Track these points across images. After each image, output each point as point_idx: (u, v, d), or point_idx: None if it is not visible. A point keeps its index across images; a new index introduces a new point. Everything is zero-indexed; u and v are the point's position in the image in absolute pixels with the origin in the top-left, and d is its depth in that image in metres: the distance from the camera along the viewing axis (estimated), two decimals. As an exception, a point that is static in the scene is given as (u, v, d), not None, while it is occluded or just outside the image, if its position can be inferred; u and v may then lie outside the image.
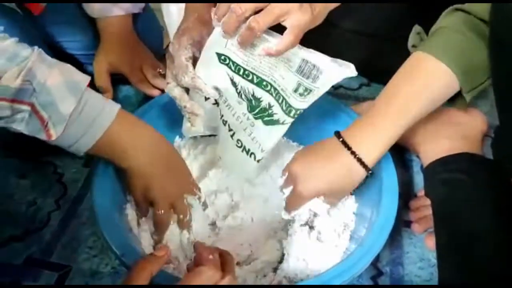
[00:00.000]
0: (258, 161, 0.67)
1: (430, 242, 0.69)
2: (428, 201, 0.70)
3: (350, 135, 0.62)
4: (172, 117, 0.73)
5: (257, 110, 0.63)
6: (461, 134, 0.73)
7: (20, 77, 0.53)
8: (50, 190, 0.80)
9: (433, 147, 0.73)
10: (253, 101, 0.62)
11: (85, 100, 0.57)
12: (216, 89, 0.64)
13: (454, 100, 0.67)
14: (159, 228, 0.65)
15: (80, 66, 0.88)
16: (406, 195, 0.76)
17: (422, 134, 0.75)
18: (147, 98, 0.89)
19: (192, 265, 0.52)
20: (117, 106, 0.61)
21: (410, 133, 0.77)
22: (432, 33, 0.67)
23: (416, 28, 0.71)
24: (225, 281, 0.48)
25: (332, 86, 0.57)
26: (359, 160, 0.61)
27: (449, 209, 0.66)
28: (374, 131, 0.62)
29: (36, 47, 0.56)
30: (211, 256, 0.50)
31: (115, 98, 0.82)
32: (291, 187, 0.63)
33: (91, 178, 0.66)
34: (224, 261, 0.52)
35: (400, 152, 0.82)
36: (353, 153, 0.61)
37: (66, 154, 0.83)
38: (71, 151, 0.60)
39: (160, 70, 0.85)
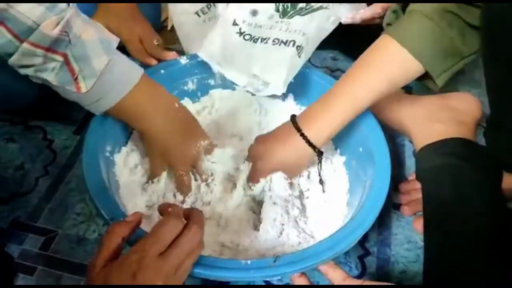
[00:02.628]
0: (298, 47, 0.70)
1: (418, 225, 0.70)
2: (418, 185, 0.71)
3: (303, 118, 0.65)
4: (169, 86, 0.72)
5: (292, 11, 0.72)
6: (455, 119, 0.73)
7: (59, 27, 0.53)
8: (39, 156, 0.79)
9: (427, 131, 0.73)
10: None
11: (114, 60, 0.58)
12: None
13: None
14: (181, 190, 0.66)
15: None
16: (396, 178, 0.77)
17: (416, 118, 0.76)
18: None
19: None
20: (141, 70, 0.62)
21: (403, 117, 0.78)
22: (406, 14, 0.66)
23: (392, 6, 0.71)
24: (191, 231, 0.49)
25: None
26: (308, 142, 0.64)
27: (439, 193, 0.66)
28: (323, 113, 0.64)
29: (71, 3, 0.56)
30: (170, 209, 0.51)
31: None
32: (250, 164, 0.68)
33: (84, 136, 0.65)
34: (189, 214, 0.52)
35: (393, 136, 0.83)
36: (302, 135, 0.64)
37: (57, 121, 0.84)
38: (89, 109, 0.60)
39: (157, 42, 0.83)
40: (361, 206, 0.61)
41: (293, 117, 0.66)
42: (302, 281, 0.58)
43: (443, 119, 0.74)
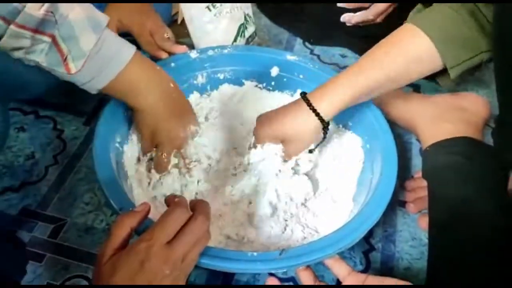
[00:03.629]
0: None
1: (423, 223, 0.70)
2: (424, 183, 0.71)
3: (313, 93, 0.65)
4: (178, 80, 0.73)
5: None
6: (463, 118, 0.74)
7: (44, 7, 0.52)
8: (49, 145, 0.80)
9: (435, 130, 0.73)
10: None
11: (104, 38, 0.58)
12: None
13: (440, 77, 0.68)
14: (157, 170, 0.67)
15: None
16: (403, 176, 0.77)
17: (424, 117, 0.76)
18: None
19: None
20: (133, 48, 0.62)
21: (412, 115, 0.78)
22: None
23: (418, 7, 0.72)
24: (197, 220, 0.50)
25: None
26: (315, 111, 0.63)
27: (445, 192, 0.67)
28: (334, 87, 0.64)
29: None
30: (176, 199, 0.52)
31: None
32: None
33: (94, 126, 0.66)
34: (195, 204, 0.52)
35: (400, 134, 0.83)
36: (310, 105, 0.64)
37: (67, 111, 0.85)
38: (84, 88, 0.60)
39: (167, 35, 0.84)
40: (367, 202, 0.62)
41: (303, 93, 0.66)
42: (307, 274, 0.58)
43: (451, 118, 0.74)
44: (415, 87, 0.91)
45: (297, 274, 0.59)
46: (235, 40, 0.86)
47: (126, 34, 0.84)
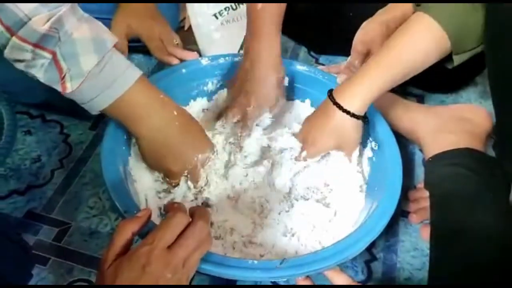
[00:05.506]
0: None
1: (425, 233, 0.70)
2: (426, 193, 0.71)
3: (340, 92, 0.67)
4: (189, 86, 0.74)
5: None
6: (466, 130, 0.74)
7: (49, 23, 0.52)
8: (55, 149, 0.81)
9: (437, 141, 0.74)
10: None
11: (108, 60, 0.57)
12: None
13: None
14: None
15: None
16: (405, 186, 0.76)
17: (428, 128, 0.76)
18: (159, 67, 0.90)
19: None
20: (139, 72, 0.60)
21: (416, 126, 0.78)
22: None
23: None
24: (197, 225, 0.50)
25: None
26: (349, 113, 0.65)
27: (447, 203, 0.67)
28: (361, 84, 0.66)
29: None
30: (176, 205, 0.52)
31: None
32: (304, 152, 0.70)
33: (102, 135, 0.66)
34: (195, 211, 0.53)
35: (403, 145, 0.83)
36: (341, 108, 0.66)
37: (73, 116, 0.86)
38: (84, 107, 0.59)
39: (176, 42, 0.85)
40: (370, 215, 0.62)
41: (330, 91, 0.68)
42: (306, 284, 0.58)
43: (454, 129, 0.74)
44: (418, 98, 0.92)
45: (297, 283, 0.59)
46: (241, 48, 0.87)
47: (135, 40, 0.85)
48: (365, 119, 0.67)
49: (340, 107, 0.66)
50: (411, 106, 0.82)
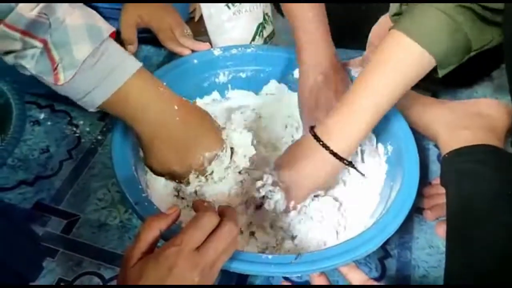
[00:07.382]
0: None
1: (441, 230, 0.69)
2: (442, 190, 0.70)
3: (323, 129, 0.62)
4: (200, 77, 0.72)
5: None
6: (484, 126, 0.72)
7: (37, 8, 0.48)
8: (64, 140, 0.80)
9: (454, 137, 0.72)
10: None
11: (104, 50, 0.52)
12: None
13: None
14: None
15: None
16: (421, 182, 0.75)
17: (444, 123, 0.74)
18: (169, 59, 0.88)
19: None
20: (138, 64, 0.55)
21: (431, 121, 0.77)
22: (415, 7, 0.62)
23: (397, 6, 0.69)
24: (226, 227, 0.48)
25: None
26: (334, 154, 0.61)
27: (463, 200, 0.65)
28: (346, 124, 0.61)
29: None
30: (206, 204, 0.51)
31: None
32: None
33: (112, 129, 0.65)
34: (223, 211, 0.51)
35: (418, 140, 0.81)
36: (326, 147, 0.61)
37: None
38: (81, 104, 0.55)
39: (187, 32, 0.84)
40: (387, 211, 0.61)
41: (311, 128, 0.63)
42: (321, 280, 0.57)
43: (471, 125, 0.72)
44: (432, 93, 0.90)
45: (311, 280, 0.58)
46: (253, 39, 0.85)
47: (146, 31, 0.84)
48: (349, 164, 0.63)
49: (323, 145, 0.61)
50: (425, 101, 0.80)
